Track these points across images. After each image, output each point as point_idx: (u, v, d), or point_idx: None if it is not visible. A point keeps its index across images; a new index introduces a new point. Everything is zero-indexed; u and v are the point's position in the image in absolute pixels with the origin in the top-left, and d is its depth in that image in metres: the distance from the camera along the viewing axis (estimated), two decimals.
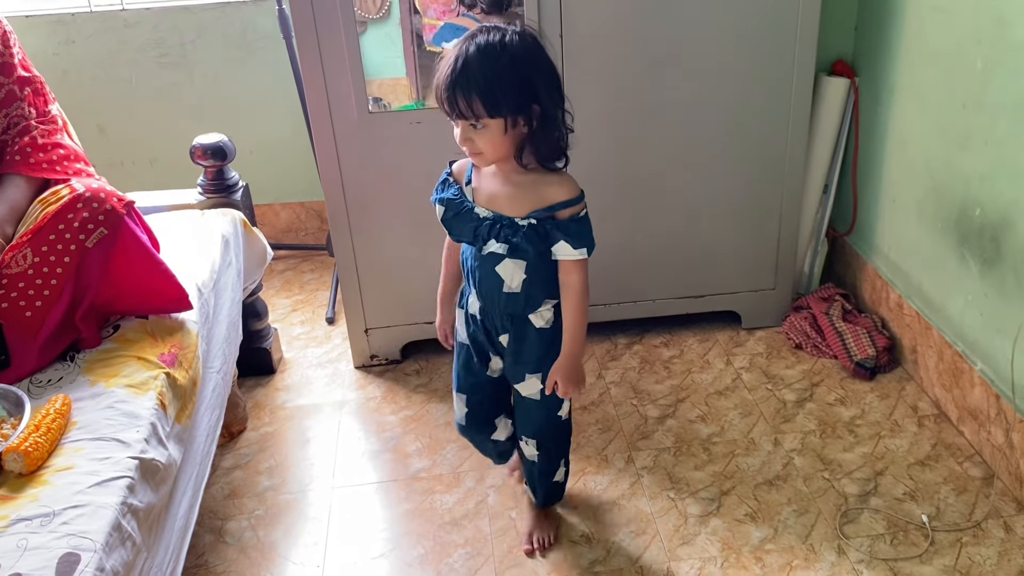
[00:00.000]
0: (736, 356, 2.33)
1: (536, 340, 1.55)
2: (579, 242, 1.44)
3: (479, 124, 1.34)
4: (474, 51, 1.30)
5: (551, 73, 1.37)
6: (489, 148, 1.37)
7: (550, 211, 1.43)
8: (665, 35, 2.04)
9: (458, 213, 1.47)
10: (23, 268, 1.53)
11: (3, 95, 1.70)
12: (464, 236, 1.49)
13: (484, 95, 1.30)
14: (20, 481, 1.30)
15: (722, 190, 2.24)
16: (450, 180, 1.52)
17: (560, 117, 1.39)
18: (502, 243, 1.44)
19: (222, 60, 2.80)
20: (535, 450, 1.69)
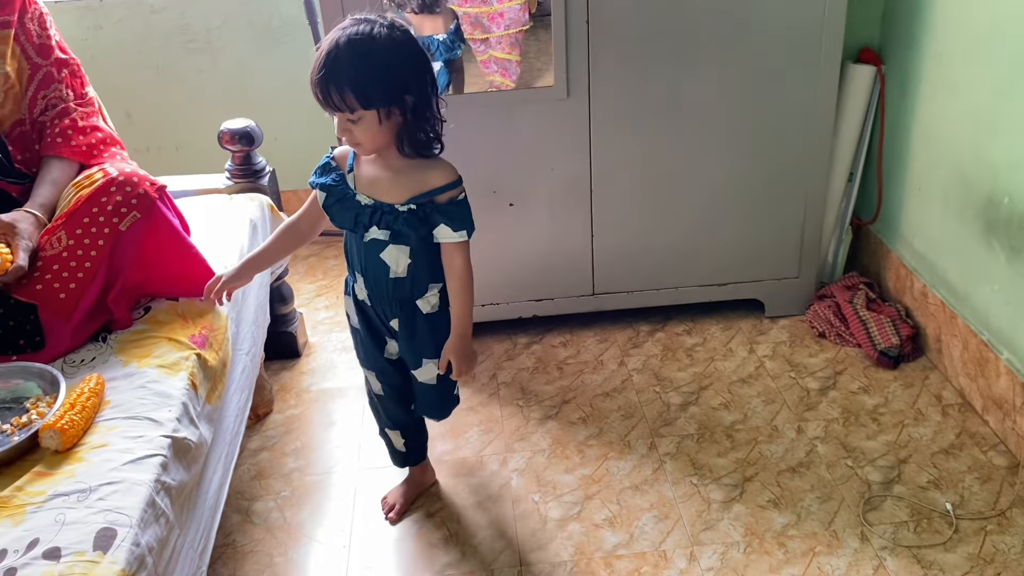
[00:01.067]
0: (759, 344, 2.33)
1: (425, 326, 1.58)
2: (459, 224, 1.46)
3: (354, 116, 1.35)
4: (344, 43, 1.31)
5: (422, 63, 1.38)
6: (367, 139, 1.39)
7: (429, 196, 1.45)
8: (691, 21, 2.04)
9: (340, 199, 1.49)
10: (58, 251, 1.56)
11: (41, 76, 1.72)
12: (346, 223, 1.50)
13: (355, 88, 1.32)
14: (56, 458, 1.32)
15: (746, 178, 2.24)
16: (331, 164, 1.53)
17: (433, 106, 1.41)
18: (384, 229, 1.46)
19: (247, 46, 2.82)
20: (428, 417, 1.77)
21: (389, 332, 1.62)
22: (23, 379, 1.47)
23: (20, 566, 1.13)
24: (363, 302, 1.60)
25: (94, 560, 1.14)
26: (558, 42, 2.02)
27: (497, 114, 2.11)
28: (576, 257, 2.30)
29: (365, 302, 1.59)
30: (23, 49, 1.70)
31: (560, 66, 2.04)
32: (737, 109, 2.15)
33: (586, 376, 2.24)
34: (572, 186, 2.21)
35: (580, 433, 2.04)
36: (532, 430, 2.06)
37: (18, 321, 1.54)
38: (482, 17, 2.07)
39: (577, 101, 2.09)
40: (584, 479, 1.90)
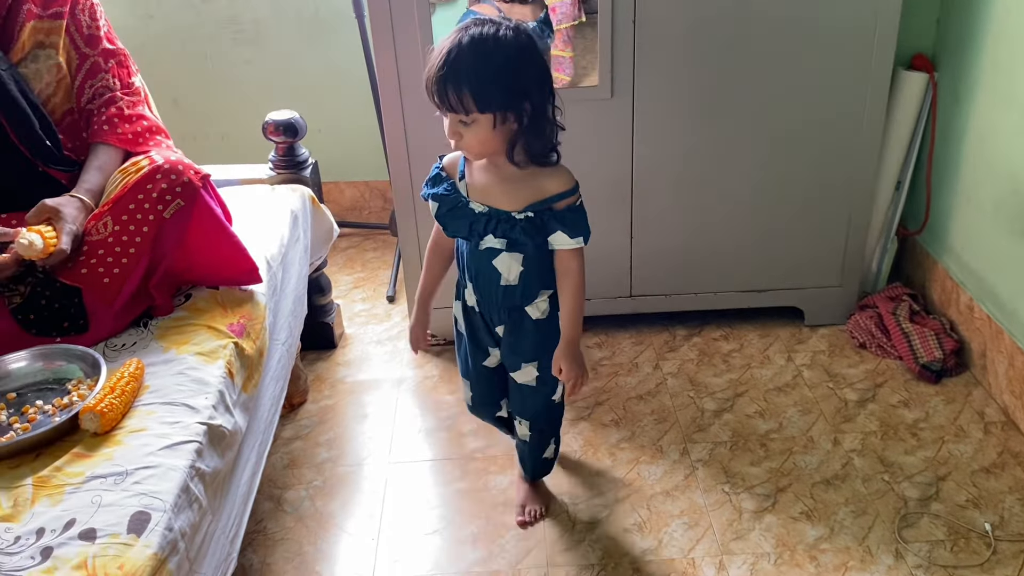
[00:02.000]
0: (797, 353, 2.30)
1: (532, 331, 1.57)
2: (576, 231, 1.45)
3: (468, 119, 1.32)
4: (467, 44, 1.28)
5: (543, 70, 1.36)
6: (476, 143, 1.36)
7: (547, 203, 1.42)
8: (740, 23, 2.01)
9: (452, 208, 1.47)
10: (103, 236, 1.58)
11: (89, 66, 1.75)
12: (460, 231, 1.49)
13: (475, 90, 1.29)
14: (95, 440, 1.34)
15: (791, 183, 2.20)
16: (442, 175, 1.51)
17: (551, 114, 1.38)
18: (500, 238, 1.45)
19: (294, 38, 2.84)
20: (528, 431, 1.72)
21: (494, 340, 1.62)
22: (66, 361, 1.50)
23: (56, 545, 1.15)
24: (471, 308, 1.59)
25: (128, 543, 1.16)
26: (604, 41, 2.00)
27: None
28: (614, 258, 2.29)
29: (474, 308, 1.58)
30: (72, 40, 1.73)
31: (605, 65, 2.03)
32: (784, 113, 2.11)
33: (620, 378, 2.23)
34: (613, 187, 2.19)
35: (612, 436, 2.03)
36: (564, 430, 2.04)
37: (63, 304, 1.57)
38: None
39: (621, 101, 2.08)
40: (614, 482, 1.89)
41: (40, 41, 1.69)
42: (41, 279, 1.58)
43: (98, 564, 1.13)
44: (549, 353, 1.56)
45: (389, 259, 2.90)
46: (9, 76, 1.62)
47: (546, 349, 1.57)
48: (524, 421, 1.71)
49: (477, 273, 1.52)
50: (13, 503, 1.23)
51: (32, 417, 1.40)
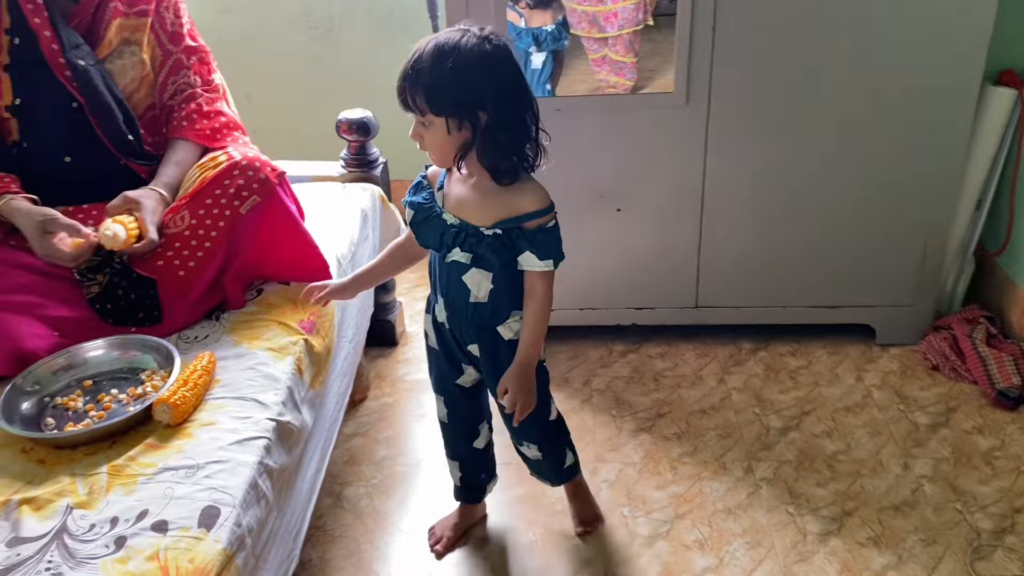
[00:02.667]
0: (867, 372, 2.23)
1: (508, 353, 1.49)
2: (545, 253, 1.39)
3: (425, 120, 1.32)
4: (430, 48, 1.29)
5: (507, 82, 1.31)
6: (433, 147, 1.35)
7: (517, 221, 1.38)
8: (823, 34, 1.96)
9: (427, 218, 1.44)
10: (180, 229, 1.61)
11: (172, 63, 1.78)
12: (431, 242, 1.46)
13: (427, 92, 1.29)
14: (167, 432, 1.36)
15: (867, 198, 2.14)
16: (424, 183, 1.48)
17: (515, 130, 1.33)
18: (466, 252, 1.41)
19: (367, 36, 2.86)
20: (538, 452, 1.67)
21: (467, 357, 1.57)
22: (141, 352, 1.52)
23: (130, 535, 1.17)
24: (442, 324, 1.55)
25: (198, 537, 1.17)
26: (681, 47, 1.97)
27: (610, 117, 2.08)
28: (681, 268, 2.25)
29: (444, 324, 1.55)
30: (157, 36, 1.76)
31: (681, 71, 1.99)
32: (864, 126, 2.05)
33: (683, 391, 2.19)
34: (683, 195, 2.16)
35: (674, 449, 2.00)
36: (624, 441, 2.03)
37: (139, 295, 1.60)
38: (598, 16, 2.04)
39: (696, 108, 2.04)
40: (676, 497, 1.86)
41: (126, 38, 1.73)
42: (118, 270, 1.61)
43: (169, 557, 1.14)
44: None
45: None
46: (96, 71, 1.66)
47: None
48: (531, 445, 1.67)
49: (447, 288, 1.48)
50: (89, 490, 1.25)
51: (107, 405, 1.43)
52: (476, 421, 1.70)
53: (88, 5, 1.69)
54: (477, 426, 1.70)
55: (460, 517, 1.80)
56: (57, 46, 1.62)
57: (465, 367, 1.60)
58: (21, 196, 1.60)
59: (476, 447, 1.72)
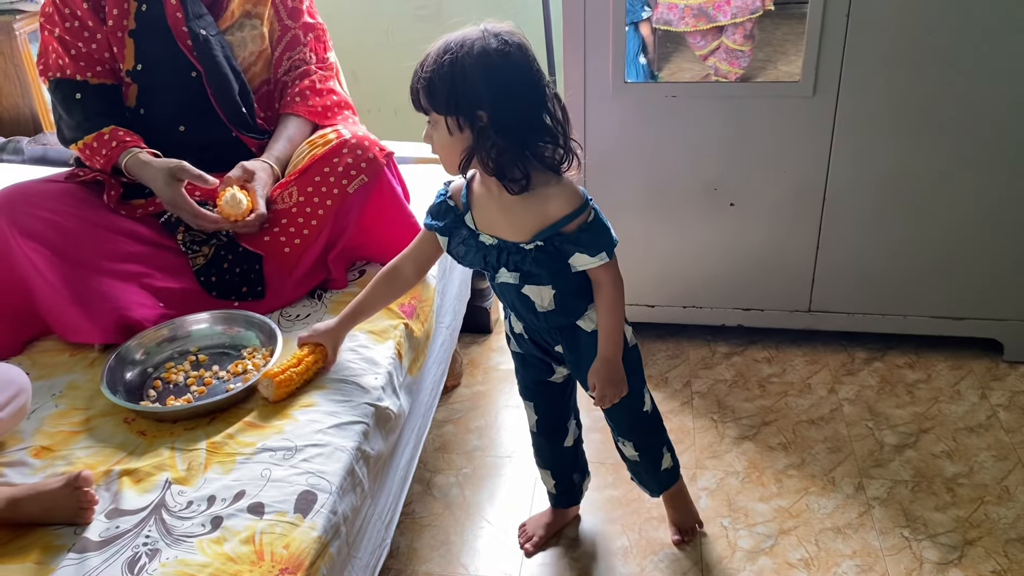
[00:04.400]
0: (994, 391, 2.07)
1: (590, 345, 1.43)
2: (595, 248, 1.31)
3: (430, 119, 1.28)
4: (439, 46, 1.24)
5: (508, 82, 1.22)
6: (439, 148, 1.29)
7: (554, 229, 1.29)
8: (968, 24, 1.81)
9: (464, 241, 1.37)
10: (288, 205, 1.59)
11: (289, 39, 1.77)
12: (476, 264, 1.38)
13: (426, 88, 1.25)
14: (267, 411, 1.35)
15: (1005, 205, 1.98)
16: (448, 203, 1.39)
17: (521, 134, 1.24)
18: (512, 271, 1.33)
19: (476, 15, 2.79)
20: (634, 450, 1.61)
21: (555, 358, 1.52)
22: (245, 328, 1.51)
23: (226, 516, 1.15)
24: (520, 333, 1.50)
25: (294, 522, 1.15)
26: (812, 35, 1.85)
27: (726, 106, 1.97)
28: (796, 269, 2.13)
29: (522, 334, 1.49)
30: (277, 11, 1.75)
31: (811, 61, 1.87)
32: (1007, 127, 1.89)
33: (790, 399, 2.08)
34: (803, 192, 2.04)
35: (779, 460, 1.89)
36: (726, 449, 1.93)
37: (244, 269, 1.59)
38: (706, 7, 1.95)
39: (823, 100, 1.92)
40: (780, 511, 1.76)
41: (248, 11, 1.72)
42: (225, 243, 1.61)
43: (265, 541, 1.12)
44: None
45: None
46: (217, 42, 1.65)
47: None
48: (626, 442, 1.60)
49: (512, 303, 1.42)
50: (187, 466, 1.24)
51: (208, 381, 1.42)
52: (564, 418, 1.65)
53: None
54: (565, 423, 1.65)
55: (553, 516, 1.74)
56: (181, 15, 1.62)
57: (556, 367, 1.55)
58: (147, 151, 1.61)
59: (566, 446, 1.66)
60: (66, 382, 1.44)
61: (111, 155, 1.59)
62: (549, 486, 1.71)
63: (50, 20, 1.65)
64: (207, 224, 1.56)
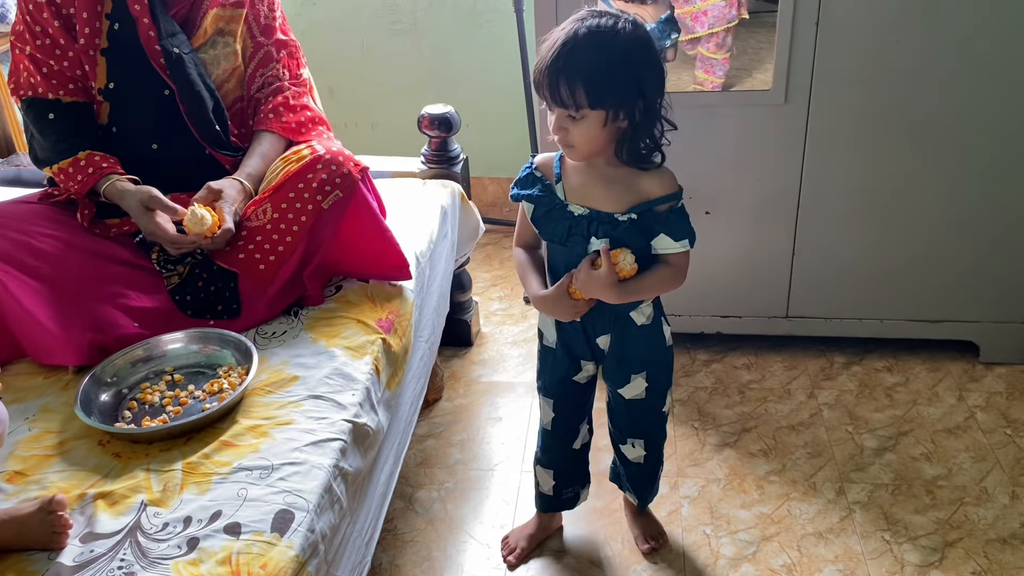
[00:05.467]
0: (971, 392, 2.09)
1: (638, 338, 1.47)
2: (680, 234, 1.36)
3: (578, 115, 1.25)
4: (584, 35, 1.21)
5: (659, 67, 1.27)
6: (583, 141, 1.28)
7: (649, 206, 1.34)
8: (931, 34, 1.83)
9: (549, 211, 1.38)
10: (262, 222, 1.58)
11: (262, 55, 1.77)
12: (555, 235, 1.39)
13: (589, 84, 1.22)
14: (242, 429, 1.33)
15: (978, 207, 2.00)
16: (536, 174, 1.41)
17: (662, 114, 1.30)
18: (603, 239, 1.35)
19: (451, 31, 2.82)
20: (642, 451, 1.61)
21: (591, 352, 1.52)
22: (220, 347, 1.50)
23: (202, 537, 1.14)
24: (563, 324, 1.50)
25: (271, 541, 1.14)
26: (782, 43, 1.87)
27: (701, 115, 1.98)
28: (772, 275, 2.14)
29: (565, 325, 1.50)
30: (250, 28, 1.75)
31: (781, 69, 1.89)
32: (979, 130, 1.92)
33: (770, 404, 2.09)
34: (778, 199, 2.05)
35: (760, 466, 1.90)
36: (707, 456, 1.93)
37: (219, 287, 1.58)
38: (684, 17, 1.95)
39: (795, 108, 1.94)
40: (762, 517, 1.76)
41: (220, 28, 1.71)
42: (200, 261, 1.60)
43: (242, 561, 1.11)
44: (657, 362, 1.51)
45: None
46: (190, 60, 1.65)
47: (653, 358, 1.50)
48: (638, 441, 1.60)
49: None
50: (163, 487, 1.23)
51: (184, 400, 1.41)
52: (579, 420, 1.65)
53: None
54: (579, 425, 1.65)
55: (536, 527, 1.73)
56: (154, 33, 1.62)
57: (585, 363, 1.55)
58: (126, 177, 1.60)
59: (574, 448, 1.66)
60: (39, 405, 1.42)
61: (87, 181, 1.58)
62: (547, 487, 1.69)
63: (21, 38, 1.64)
64: (184, 248, 1.56)
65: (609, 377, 1.55)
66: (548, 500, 1.71)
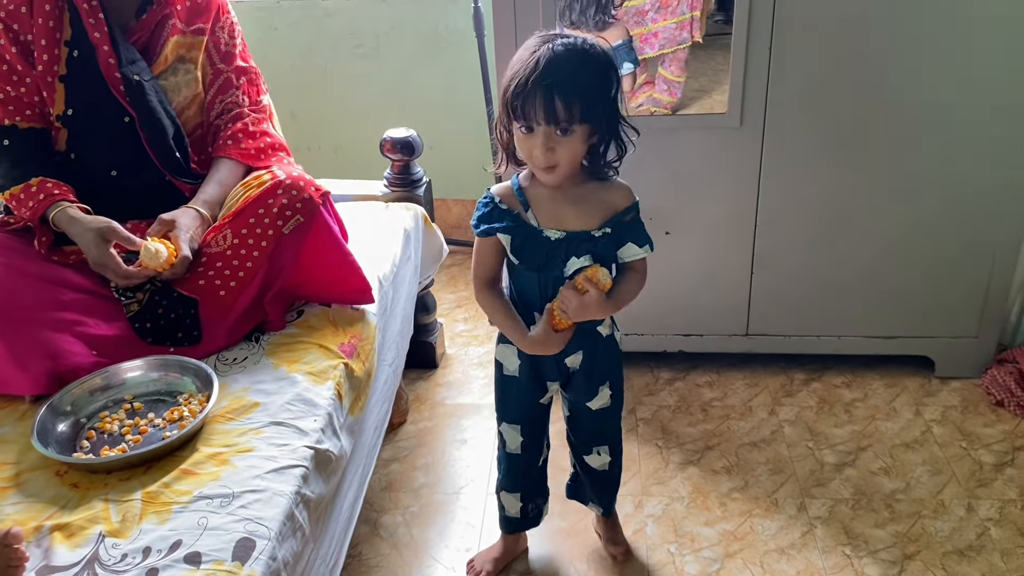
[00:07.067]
0: (927, 407, 2.13)
1: (604, 350, 1.51)
2: (643, 240, 1.42)
3: (569, 130, 1.27)
4: (563, 52, 1.25)
5: (620, 82, 1.33)
6: (568, 159, 1.30)
7: (619, 218, 1.40)
8: (881, 59, 1.88)
9: (525, 239, 1.39)
10: (222, 248, 1.58)
11: (222, 82, 1.77)
12: (535, 263, 1.40)
13: (582, 97, 1.25)
14: (203, 458, 1.32)
15: (930, 225, 2.05)
16: (501, 207, 1.40)
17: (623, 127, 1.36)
18: (584, 256, 1.38)
19: (412, 54, 2.84)
20: (608, 456, 1.64)
21: (558, 373, 1.53)
22: (180, 374, 1.49)
23: (162, 567, 1.13)
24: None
25: (232, 571, 1.13)
26: (736, 68, 1.91)
27: (658, 137, 2.01)
28: (732, 294, 2.18)
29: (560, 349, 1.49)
30: (209, 55, 1.75)
31: (736, 93, 1.93)
32: (928, 152, 1.97)
33: (732, 422, 2.11)
34: (735, 219, 2.09)
35: (723, 484, 1.92)
36: (671, 474, 1.95)
37: (179, 314, 1.57)
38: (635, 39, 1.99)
39: (750, 131, 1.98)
40: (725, 535, 1.78)
41: (181, 55, 1.72)
42: (159, 288, 1.59)
43: None
44: (617, 369, 1.56)
45: None
46: (151, 87, 1.65)
47: (614, 366, 1.55)
48: (603, 448, 1.63)
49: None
50: (122, 518, 1.22)
51: (143, 429, 1.40)
52: (543, 437, 1.67)
53: (148, 22, 1.69)
54: (543, 443, 1.67)
55: (502, 550, 1.73)
56: (114, 60, 1.61)
57: (550, 384, 1.57)
58: (76, 205, 1.59)
59: (539, 466, 1.68)
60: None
61: (37, 208, 1.56)
62: (514, 510, 1.68)
63: None
64: (135, 281, 1.55)
65: (576, 392, 1.57)
66: (516, 522, 1.71)
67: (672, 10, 1.93)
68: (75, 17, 1.62)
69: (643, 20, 1.96)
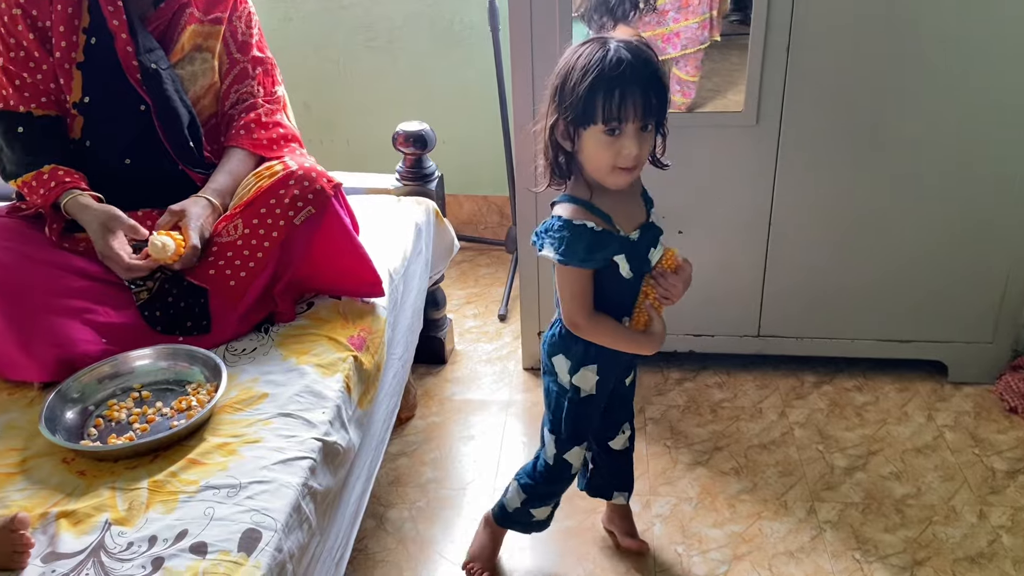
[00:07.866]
0: (939, 412, 2.11)
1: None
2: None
3: (649, 127, 1.28)
4: (634, 51, 1.25)
5: None
6: (642, 155, 1.30)
7: (646, 196, 1.45)
8: (901, 59, 1.86)
9: (629, 254, 1.36)
10: (233, 238, 1.57)
11: (237, 72, 1.76)
12: (640, 268, 1.39)
13: (661, 92, 1.27)
14: (211, 448, 1.32)
15: (948, 228, 2.03)
16: (594, 229, 1.32)
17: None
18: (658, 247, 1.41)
19: (426, 48, 2.83)
20: (629, 430, 1.66)
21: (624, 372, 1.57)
22: (189, 363, 1.48)
23: (168, 556, 1.12)
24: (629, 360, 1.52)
25: (238, 561, 1.12)
26: (753, 66, 1.89)
27: (672, 136, 1.96)
28: (744, 294, 2.16)
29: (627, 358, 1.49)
30: (226, 45, 1.75)
31: (753, 91, 1.91)
32: (949, 152, 1.95)
33: (742, 423, 2.09)
34: (749, 219, 2.07)
35: (732, 485, 1.90)
36: (680, 475, 1.94)
37: (188, 303, 1.57)
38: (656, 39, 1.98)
39: (766, 129, 1.96)
40: (734, 536, 1.77)
41: (198, 44, 1.71)
42: (169, 276, 1.58)
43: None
44: None
45: (502, 276, 2.84)
46: (168, 76, 1.64)
47: None
48: (627, 425, 1.65)
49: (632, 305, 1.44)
50: (128, 506, 1.21)
51: (151, 418, 1.39)
52: None
53: (167, 10, 1.68)
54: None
55: (494, 542, 1.72)
56: (132, 48, 1.61)
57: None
58: (88, 193, 1.58)
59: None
60: (3, 422, 1.40)
61: (49, 195, 1.56)
62: (543, 516, 1.65)
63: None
64: (140, 273, 1.54)
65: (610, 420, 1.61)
66: (540, 524, 1.67)
67: (693, 9, 1.92)
68: (94, 5, 1.61)
69: (664, 20, 1.95)
